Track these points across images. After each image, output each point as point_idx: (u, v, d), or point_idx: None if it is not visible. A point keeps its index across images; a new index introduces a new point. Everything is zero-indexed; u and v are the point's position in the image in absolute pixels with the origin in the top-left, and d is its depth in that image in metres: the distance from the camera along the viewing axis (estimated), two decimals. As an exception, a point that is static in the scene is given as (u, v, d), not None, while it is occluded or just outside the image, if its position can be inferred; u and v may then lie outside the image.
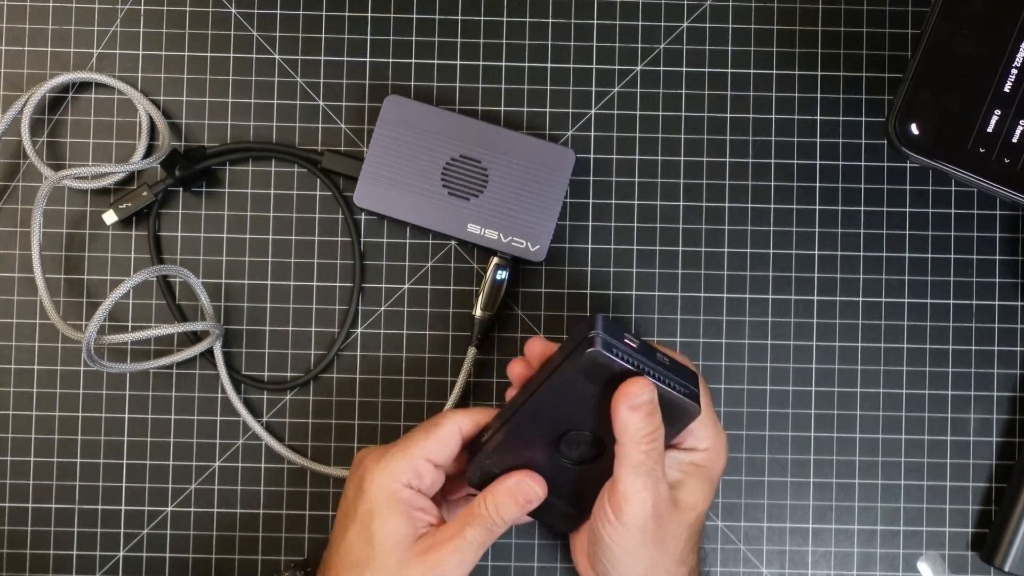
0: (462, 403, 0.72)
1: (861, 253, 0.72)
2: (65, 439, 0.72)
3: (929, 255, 0.72)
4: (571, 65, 0.73)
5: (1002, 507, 0.71)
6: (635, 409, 0.58)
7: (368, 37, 0.73)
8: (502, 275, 0.70)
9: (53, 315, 0.68)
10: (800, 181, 0.72)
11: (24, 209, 0.72)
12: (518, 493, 0.61)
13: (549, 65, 0.73)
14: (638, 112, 0.73)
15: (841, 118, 0.72)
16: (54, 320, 0.68)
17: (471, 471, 0.63)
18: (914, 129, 0.62)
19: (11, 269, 0.72)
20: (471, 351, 0.70)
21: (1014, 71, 0.61)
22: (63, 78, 0.71)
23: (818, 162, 0.72)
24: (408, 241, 0.72)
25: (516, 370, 0.64)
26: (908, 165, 0.72)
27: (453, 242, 0.72)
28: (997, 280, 0.72)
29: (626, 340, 0.59)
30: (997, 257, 0.72)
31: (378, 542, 0.60)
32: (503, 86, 0.73)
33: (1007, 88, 0.61)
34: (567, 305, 0.72)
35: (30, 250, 0.70)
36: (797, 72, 0.72)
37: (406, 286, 0.72)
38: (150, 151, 0.72)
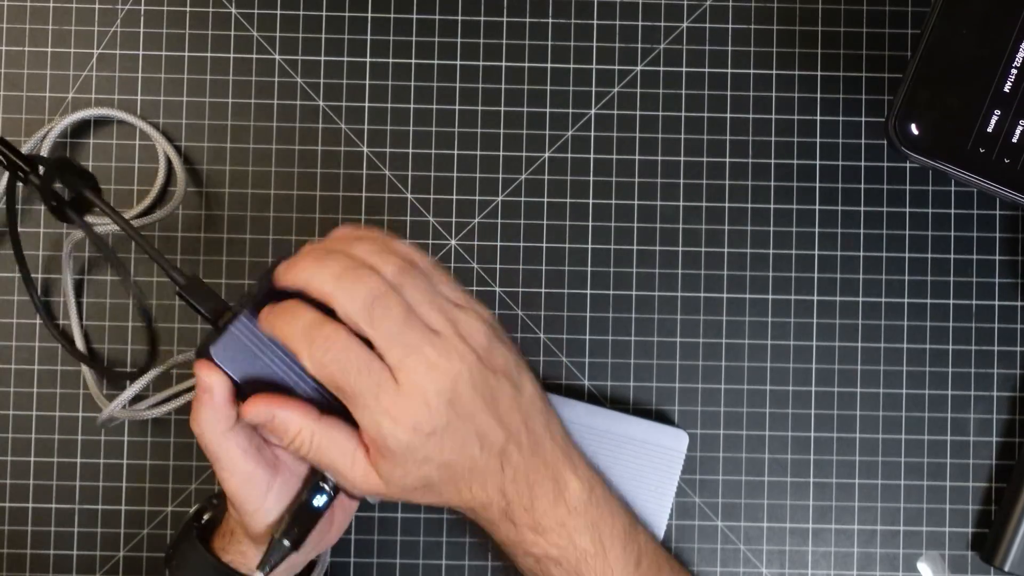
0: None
1: (861, 253, 0.72)
2: (65, 439, 0.72)
3: (929, 255, 0.72)
4: (571, 65, 0.73)
5: (1002, 507, 0.71)
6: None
7: (368, 37, 0.73)
8: (320, 500, 0.60)
9: (93, 387, 0.70)
10: (800, 181, 0.72)
11: (24, 209, 0.72)
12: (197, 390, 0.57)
13: (549, 65, 0.73)
14: (638, 112, 0.73)
15: (841, 118, 0.72)
16: (93, 392, 0.70)
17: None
18: (914, 129, 0.61)
19: (11, 270, 0.72)
20: None
21: (1014, 71, 0.61)
22: (85, 113, 0.71)
23: (818, 162, 0.72)
24: (408, 241, 0.72)
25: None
26: (908, 165, 0.72)
27: (453, 242, 0.72)
28: (997, 280, 0.72)
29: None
30: (997, 257, 0.72)
31: None
32: (503, 86, 0.73)
33: (1007, 88, 0.61)
34: (567, 305, 0.72)
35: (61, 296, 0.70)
36: (797, 72, 0.72)
37: (406, 286, 0.72)
38: (165, 191, 0.72)
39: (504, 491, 0.58)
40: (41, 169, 0.61)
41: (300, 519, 0.59)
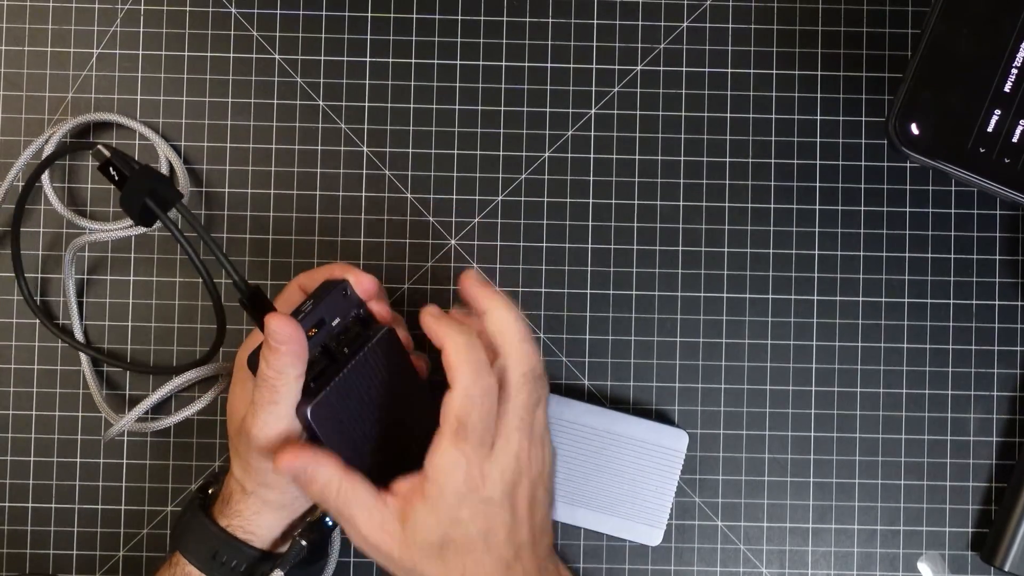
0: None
1: (861, 253, 0.72)
2: (65, 439, 0.72)
3: (929, 255, 0.72)
4: (571, 65, 0.73)
5: (1002, 507, 0.71)
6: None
7: (368, 37, 0.73)
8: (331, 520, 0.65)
9: (97, 397, 0.71)
10: (800, 181, 0.72)
11: (25, 209, 0.72)
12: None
13: (549, 65, 0.73)
14: (638, 112, 0.73)
15: (841, 118, 0.72)
16: (98, 403, 0.71)
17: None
18: (914, 129, 0.62)
19: (11, 270, 0.72)
20: None
21: (1014, 71, 0.61)
22: (84, 118, 0.71)
23: (818, 162, 0.72)
24: (408, 241, 0.72)
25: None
26: (908, 165, 0.72)
27: (453, 242, 0.72)
28: (997, 280, 0.72)
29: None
30: (997, 257, 0.72)
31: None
32: (503, 86, 0.73)
33: (1007, 88, 0.61)
34: (567, 305, 0.72)
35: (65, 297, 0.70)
36: (797, 72, 0.72)
37: (406, 286, 0.72)
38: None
39: None
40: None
41: (318, 529, 0.64)
